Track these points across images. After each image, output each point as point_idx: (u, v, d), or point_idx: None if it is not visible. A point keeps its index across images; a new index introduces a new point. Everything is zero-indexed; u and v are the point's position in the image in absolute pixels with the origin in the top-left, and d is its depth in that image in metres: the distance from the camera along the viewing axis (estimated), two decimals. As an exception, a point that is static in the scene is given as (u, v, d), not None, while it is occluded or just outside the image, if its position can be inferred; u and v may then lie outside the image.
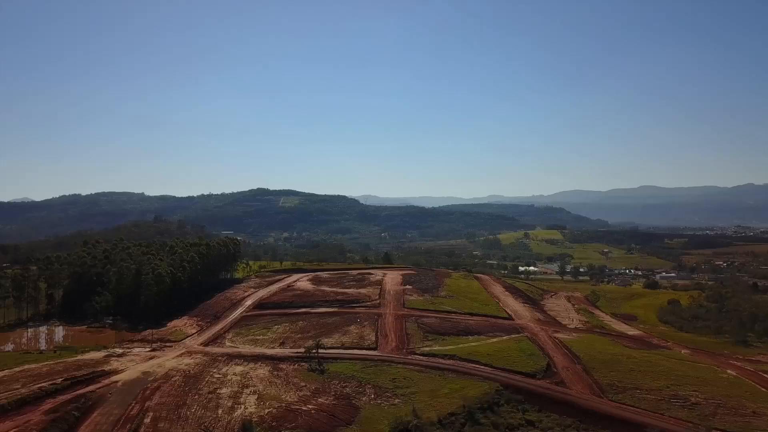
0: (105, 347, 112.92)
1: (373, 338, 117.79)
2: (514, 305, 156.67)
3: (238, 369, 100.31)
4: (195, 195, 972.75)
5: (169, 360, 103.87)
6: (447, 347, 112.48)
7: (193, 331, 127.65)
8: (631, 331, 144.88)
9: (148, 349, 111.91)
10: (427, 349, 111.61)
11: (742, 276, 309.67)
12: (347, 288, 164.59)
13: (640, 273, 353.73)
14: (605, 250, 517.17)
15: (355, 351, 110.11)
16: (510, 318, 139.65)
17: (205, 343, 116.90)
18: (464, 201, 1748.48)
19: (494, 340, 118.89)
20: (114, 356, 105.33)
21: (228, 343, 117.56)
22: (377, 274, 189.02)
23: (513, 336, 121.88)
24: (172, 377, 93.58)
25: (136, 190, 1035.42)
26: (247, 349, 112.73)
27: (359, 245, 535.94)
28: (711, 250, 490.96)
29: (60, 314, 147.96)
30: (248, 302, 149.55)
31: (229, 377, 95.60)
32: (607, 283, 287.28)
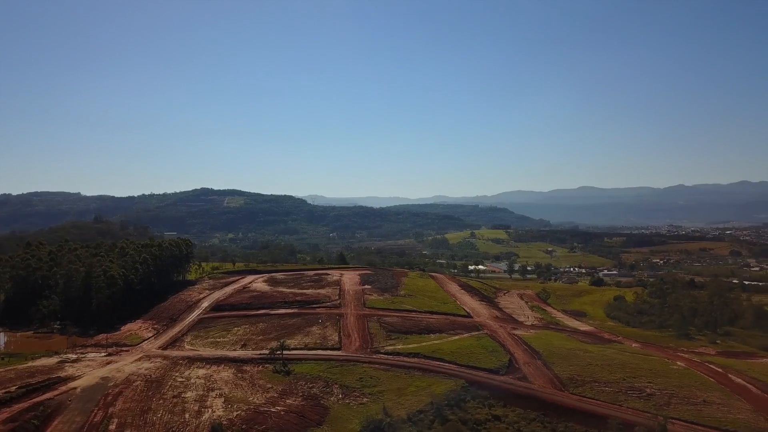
0: (57, 353, 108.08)
1: (337, 338, 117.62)
2: (471, 303, 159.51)
3: (201, 372, 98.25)
4: (135, 195, 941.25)
5: (127, 365, 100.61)
6: (410, 345, 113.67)
7: (150, 334, 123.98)
8: (583, 327, 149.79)
9: (103, 354, 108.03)
10: (391, 347, 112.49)
11: (678, 272, 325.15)
12: (305, 289, 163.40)
13: (584, 271, 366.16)
14: (549, 249, 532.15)
15: (320, 351, 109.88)
16: (469, 316, 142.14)
17: (164, 347, 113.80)
18: (411, 201, 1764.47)
19: (456, 337, 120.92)
20: (68, 362, 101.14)
21: (187, 346, 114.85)
22: (334, 275, 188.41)
23: (474, 333, 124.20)
24: (133, 382, 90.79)
25: (72, 190, 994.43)
26: (208, 351, 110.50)
27: (308, 246, 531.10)
28: (648, 248, 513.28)
29: (2, 320, 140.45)
30: (204, 304, 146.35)
31: (192, 381, 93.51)
32: (554, 280, 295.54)
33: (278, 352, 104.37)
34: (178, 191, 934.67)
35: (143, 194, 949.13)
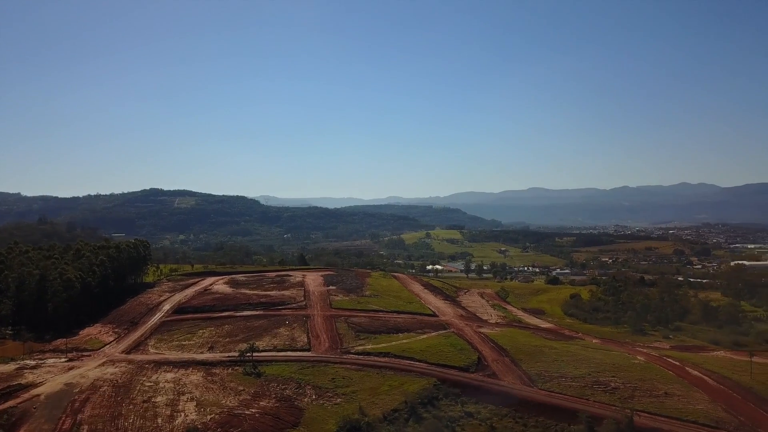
0: (13, 359, 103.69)
1: (305, 339, 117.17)
2: (435, 302, 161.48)
3: (169, 376, 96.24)
4: (80, 195, 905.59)
5: (91, 370, 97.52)
6: (380, 345, 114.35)
7: (111, 338, 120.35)
8: (544, 324, 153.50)
9: (64, 360, 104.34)
10: (361, 348, 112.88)
11: (628, 271, 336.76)
12: (269, 290, 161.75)
13: (537, 270, 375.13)
14: (503, 249, 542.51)
15: (289, 353, 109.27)
16: (435, 315, 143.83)
17: (127, 351, 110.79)
18: (365, 202, 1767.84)
19: (424, 336, 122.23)
20: (27, 368, 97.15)
21: (152, 350, 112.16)
22: (296, 276, 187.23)
23: (441, 332, 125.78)
24: (100, 387, 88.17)
25: (11, 190, 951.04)
26: (174, 355, 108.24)
27: (262, 247, 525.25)
28: (597, 248, 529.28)
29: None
30: (166, 307, 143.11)
31: (161, 385, 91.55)
32: (510, 279, 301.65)
33: (248, 354, 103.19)
34: (126, 191, 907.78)
35: (89, 195, 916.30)
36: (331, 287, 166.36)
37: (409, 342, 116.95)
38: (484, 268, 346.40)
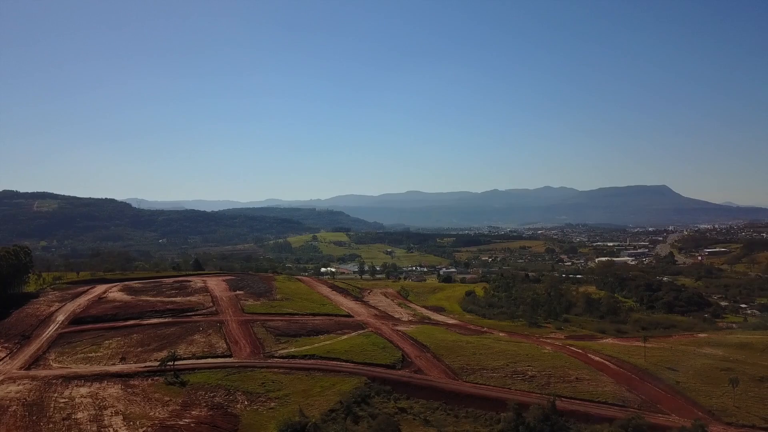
0: None
1: (225, 345, 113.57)
2: (347, 303, 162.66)
3: (84, 390, 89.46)
4: None
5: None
6: (303, 348, 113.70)
7: (2, 354, 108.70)
8: (450, 321, 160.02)
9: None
10: (285, 351, 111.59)
11: (509, 269, 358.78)
12: (172, 297, 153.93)
13: (426, 269, 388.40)
14: (389, 250, 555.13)
15: (210, 360, 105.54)
16: (350, 315, 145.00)
17: (26, 367, 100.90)
18: (242, 204, 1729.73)
19: (345, 337, 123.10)
20: None
21: (55, 364, 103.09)
22: (197, 281, 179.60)
23: (360, 332, 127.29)
24: (8, 408, 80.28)
25: None
26: (83, 368, 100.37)
27: (138, 253, 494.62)
28: (476, 247, 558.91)
29: None
30: (60, 317, 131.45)
31: (77, 400, 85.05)
32: (404, 279, 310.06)
33: (170, 363, 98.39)
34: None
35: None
36: (238, 292, 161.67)
37: (332, 343, 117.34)
38: (377, 268, 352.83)
